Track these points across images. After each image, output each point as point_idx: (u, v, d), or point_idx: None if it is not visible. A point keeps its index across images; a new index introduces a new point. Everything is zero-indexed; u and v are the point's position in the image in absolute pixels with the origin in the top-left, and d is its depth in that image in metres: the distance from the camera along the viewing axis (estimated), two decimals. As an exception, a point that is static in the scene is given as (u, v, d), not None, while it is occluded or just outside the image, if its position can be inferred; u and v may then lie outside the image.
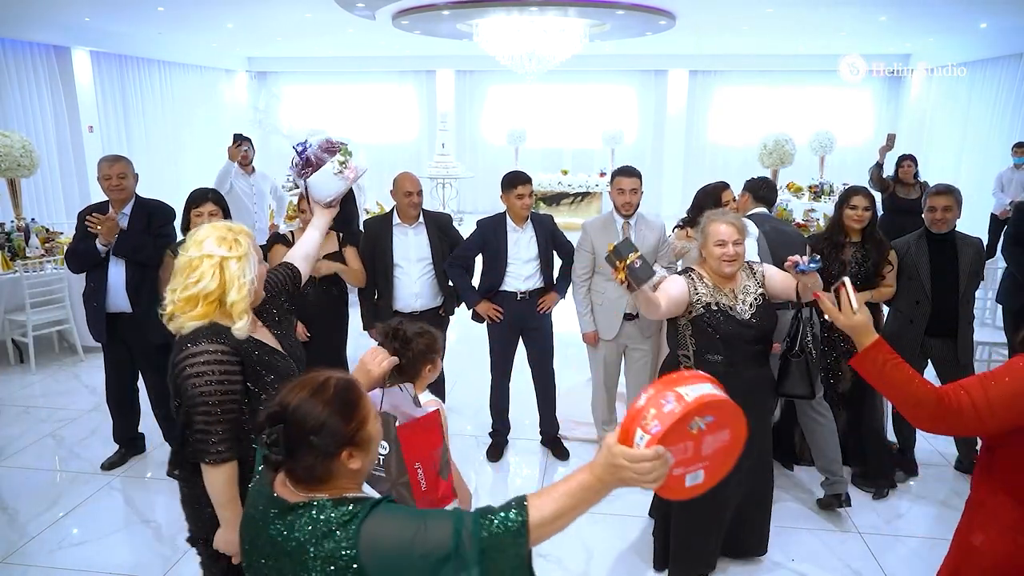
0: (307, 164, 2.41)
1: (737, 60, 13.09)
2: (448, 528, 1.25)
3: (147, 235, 3.77)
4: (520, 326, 4.02)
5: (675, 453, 1.22)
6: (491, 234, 3.96)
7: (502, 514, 1.27)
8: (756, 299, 2.85)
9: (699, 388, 1.25)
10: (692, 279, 2.85)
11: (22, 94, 9.30)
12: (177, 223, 3.95)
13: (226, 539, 1.98)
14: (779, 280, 2.91)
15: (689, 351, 2.87)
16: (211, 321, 1.91)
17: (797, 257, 2.67)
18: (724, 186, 3.94)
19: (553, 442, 4.25)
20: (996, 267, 5.90)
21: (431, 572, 1.23)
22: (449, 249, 4.05)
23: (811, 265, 2.63)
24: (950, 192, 3.67)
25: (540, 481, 4.00)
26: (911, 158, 6.69)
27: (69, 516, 3.60)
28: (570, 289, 4.03)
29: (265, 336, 2.06)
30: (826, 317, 1.99)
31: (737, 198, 4.02)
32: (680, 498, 1.31)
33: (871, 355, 1.84)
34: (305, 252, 2.36)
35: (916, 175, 6.63)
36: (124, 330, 3.86)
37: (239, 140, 5.88)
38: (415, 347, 2.35)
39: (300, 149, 2.44)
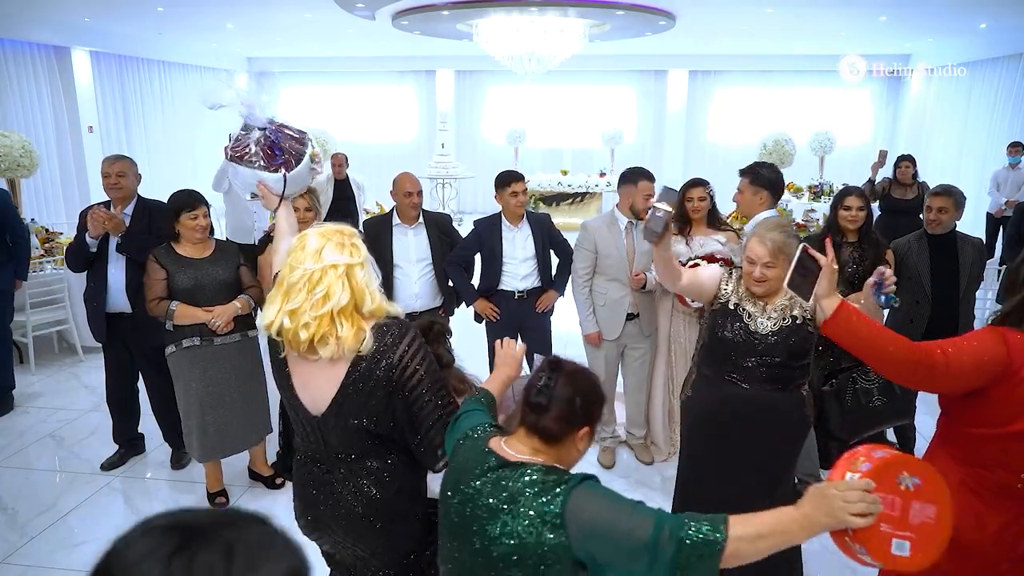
0: (278, 154, 2.23)
1: (737, 60, 13.09)
2: (651, 521, 1.34)
3: (149, 235, 3.76)
4: (519, 326, 4.02)
5: (883, 502, 1.28)
6: (487, 234, 3.97)
7: (705, 525, 1.32)
8: (787, 321, 2.52)
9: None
10: (730, 273, 2.70)
11: (22, 94, 9.30)
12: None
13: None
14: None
15: (702, 342, 2.78)
16: (377, 319, 1.80)
17: (888, 273, 2.42)
18: (693, 183, 3.84)
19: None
20: (996, 267, 5.91)
21: (627, 556, 1.32)
22: (449, 250, 4.05)
23: (887, 299, 2.31)
24: (948, 193, 3.67)
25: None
26: (909, 159, 6.69)
27: (69, 516, 3.60)
28: (569, 288, 4.03)
29: None
30: None
31: (706, 195, 3.84)
32: (883, 562, 1.32)
33: (839, 315, 1.92)
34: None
35: (915, 176, 6.63)
36: (124, 331, 3.85)
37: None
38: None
39: (272, 135, 2.24)
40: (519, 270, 3.96)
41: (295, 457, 2.07)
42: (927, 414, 4.18)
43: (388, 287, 3.92)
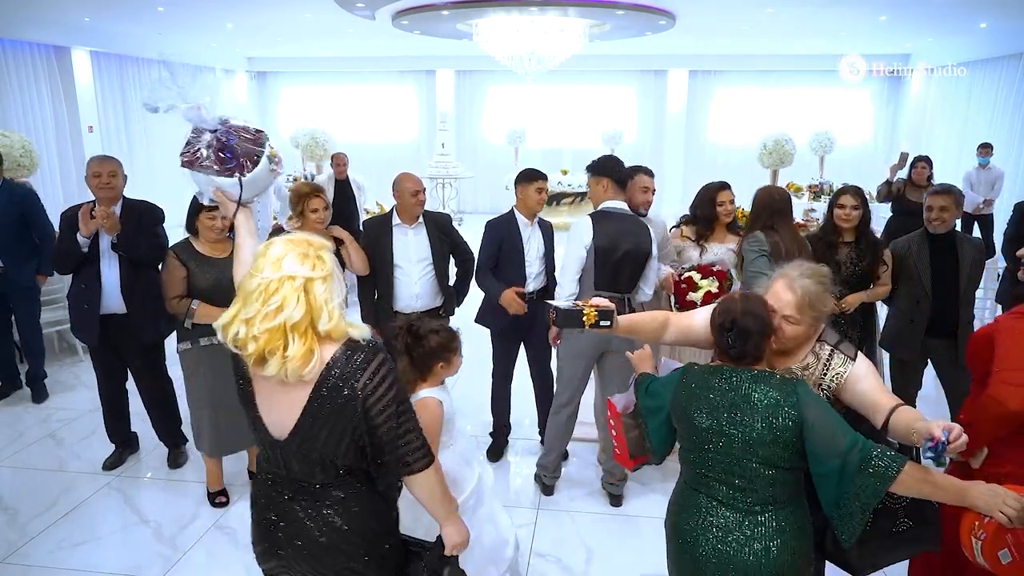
0: (230, 157, 2.06)
1: (737, 60, 13.09)
2: (850, 435, 1.82)
3: (140, 236, 3.76)
4: (523, 326, 4.01)
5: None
6: (505, 233, 3.91)
7: (890, 454, 1.79)
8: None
9: None
10: None
11: (22, 94, 9.30)
12: (173, 224, 3.94)
13: (459, 529, 1.89)
14: (865, 391, 2.02)
15: None
16: (344, 342, 1.69)
17: (954, 432, 1.67)
18: (721, 186, 3.90)
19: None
20: (996, 266, 5.91)
21: (834, 453, 1.80)
22: (449, 249, 4.04)
23: (933, 455, 1.69)
24: (948, 192, 3.67)
25: (540, 481, 4.00)
26: (926, 160, 6.62)
27: (69, 516, 3.60)
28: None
29: None
30: None
31: (734, 198, 3.93)
32: (985, 558, 1.76)
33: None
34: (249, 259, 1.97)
35: (930, 178, 6.57)
36: (114, 331, 3.83)
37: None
38: (427, 344, 2.39)
39: (223, 137, 2.07)
40: (532, 269, 3.96)
41: (256, 476, 1.94)
42: (928, 415, 4.17)
43: (388, 287, 3.92)
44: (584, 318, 2.20)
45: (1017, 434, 2.12)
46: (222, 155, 2.04)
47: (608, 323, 2.22)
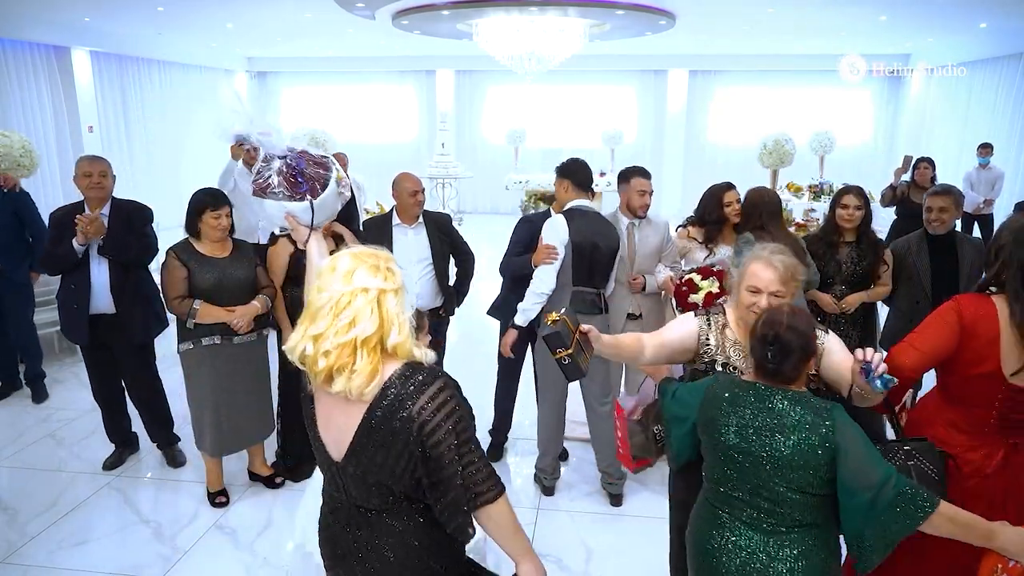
0: (301, 182, 2.11)
1: (737, 60, 13.08)
2: (884, 467, 1.77)
3: (130, 236, 3.76)
4: (535, 321, 3.99)
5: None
6: (537, 230, 3.73)
7: (925, 492, 1.76)
8: None
9: None
10: (708, 323, 2.30)
11: (22, 94, 9.30)
12: (163, 223, 3.93)
13: (536, 566, 1.74)
14: (838, 362, 2.13)
15: None
16: (404, 362, 1.62)
17: (874, 356, 1.90)
18: (727, 187, 3.89)
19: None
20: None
21: (867, 485, 1.75)
22: (449, 249, 4.04)
23: (884, 381, 1.89)
24: (947, 193, 3.67)
25: (540, 481, 3.99)
26: (928, 161, 6.61)
27: (69, 516, 3.60)
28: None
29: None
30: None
31: (740, 198, 3.95)
32: None
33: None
34: None
35: (933, 179, 6.56)
36: (104, 331, 3.83)
37: (242, 139, 5.86)
38: None
39: (293, 162, 2.12)
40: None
41: (323, 500, 1.91)
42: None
43: None
44: (558, 352, 2.06)
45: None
46: (293, 180, 2.08)
47: (567, 364, 2.09)
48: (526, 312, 3.53)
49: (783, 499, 1.85)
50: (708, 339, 2.28)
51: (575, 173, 3.63)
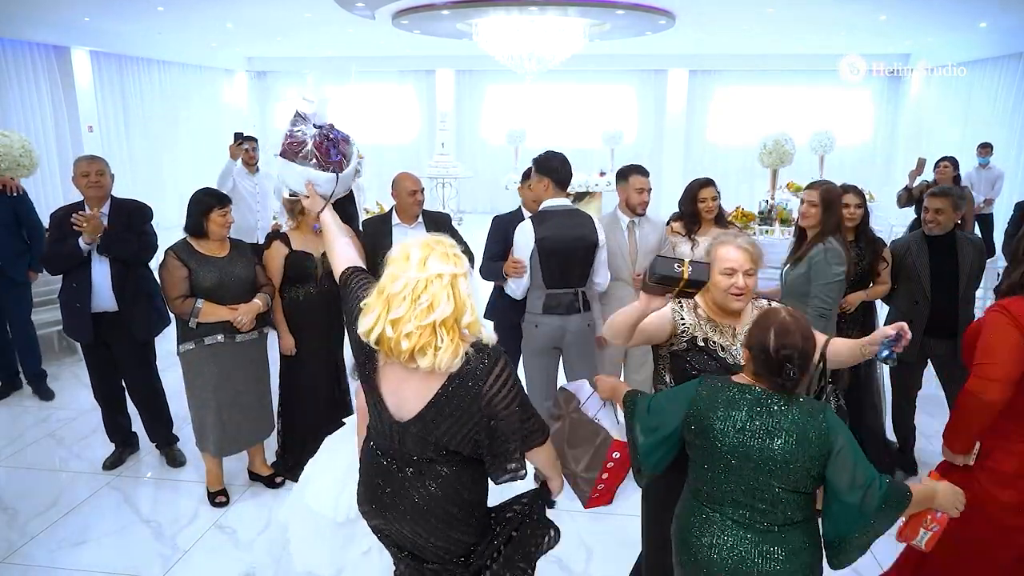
0: (336, 152, 2.19)
1: (737, 60, 13.08)
2: (871, 468, 1.86)
3: (130, 234, 3.77)
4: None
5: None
6: (511, 229, 3.72)
7: (900, 486, 1.87)
8: None
9: None
10: (680, 305, 2.38)
11: (22, 94, 9.30)
12: (162, 222, 3.94)
13: (562, 481, 2.19)
14: (841, 344, 2.31)
15: (665, 388, 2.45)
16: (473, 341, 1.82)
17: (909, 335, 2.06)
18: (703, 184, 3.91)
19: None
20: (996, 266, 5.91)
21: (858, 484, 1.82)
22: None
23: (890, 356, 2.07)
24: (945, 195, 3.66)
25: (541, 479, 3.98)
26: (950, 160, 6.52)
27: (69, 516, 3.60)
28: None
29: None
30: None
31: (717, 195, 3.93)
32: (930, 543, 2.01)
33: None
34: (352, 255, 2.18)
35: (956, 178, 6.48)
36: (106, 329, 3.84)
37: (240, 139, 5.87)
38: None
39: (329, 133, 2.19)
40: None
41: (366, 443, 2.07)
42: (928, 415, 4.18)
43: None
44: (678, 283, 2.00)
45: (1015, 429, 2.20)
46: (326, 151, 2.16)
47: (692, 292, 2.08)
48: None
49: (778, 499, 1.89)
50: (683, 318, 2.34)
51: (556, 171, 3.48)
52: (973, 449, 2.35)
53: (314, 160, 2.18)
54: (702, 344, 2.31)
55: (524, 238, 3.44)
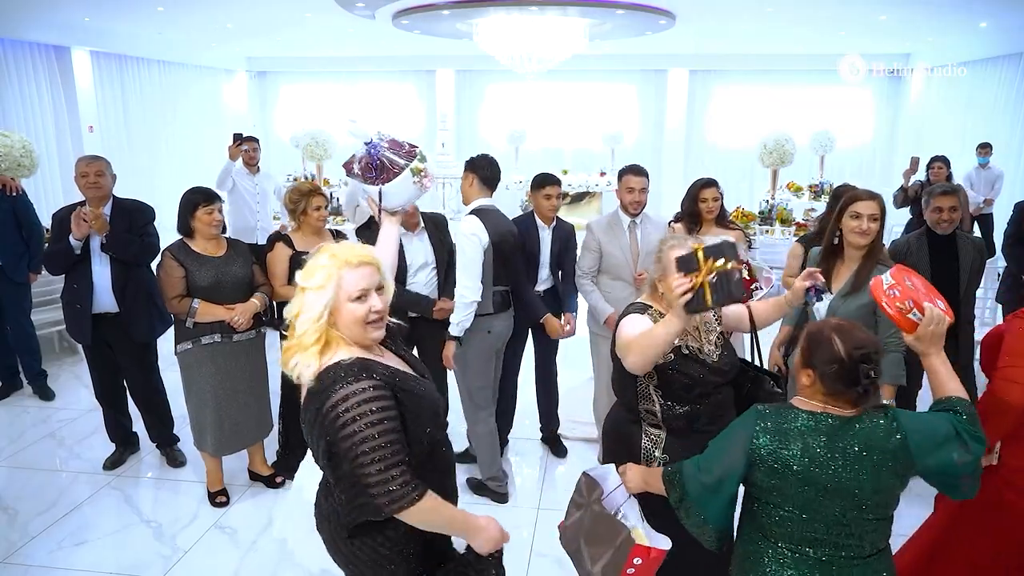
0: (378, 168, 2.28)
1: (737, 60, 13.08)
2: (948, 420, 1.78)
3: (132, 234, 3.77)
4: (530, 325, 4.00)
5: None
6: (526, 234, 3.88)
7: (965, 401, 1.86)
8: (718, 338, 2.40)
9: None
10: (655, 317, 2.30)
11: (22, 94, 9.29)
12: (163, 222, 3.94)
13: (488, 536, 1.78)
14: (732, 310, 2.45)
15: (655, 405, 2.36)
16: (356, 357, 1.72)
17: (819, 277, 2.27)
18: (705, 183, 3.95)
19: (553, 440, 4.25)
20: (996, 266, 5.91)
21: (943, 436, 1.74)
22: (449, 251, 4.01)
23: (814, 296, 2.20)
24: (956, 192, 3.66)
25: (541, 479, 3.99)
26: (943, 160, 6.57)
27: (69, 516, 3.61)
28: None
29: (393, 361, 1.90)
30: None
31: (720, 195, 3.97)
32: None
33: None
34: (390, 265, 2.21)
35: (948, 178, 6.52)
36: (106, 330, 3.85)
37: (239, 139, 5.88)
38: None
39: (373, 151, 2.31)
40: (544, 272, 3.97)
41: None
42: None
43: (399, 294, 3.86)
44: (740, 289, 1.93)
45: None
46: (368, 166, 2.29)
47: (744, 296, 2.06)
48: (460, 324, 3.46)
49: (866, 530, 1.77)
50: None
51: (482, 168, 3.58)
52: (995, 450, 2.35)
53: (359, 177, 2.34)
54: (686, 352, 2.29)
55: (476, 234, 3.44)
